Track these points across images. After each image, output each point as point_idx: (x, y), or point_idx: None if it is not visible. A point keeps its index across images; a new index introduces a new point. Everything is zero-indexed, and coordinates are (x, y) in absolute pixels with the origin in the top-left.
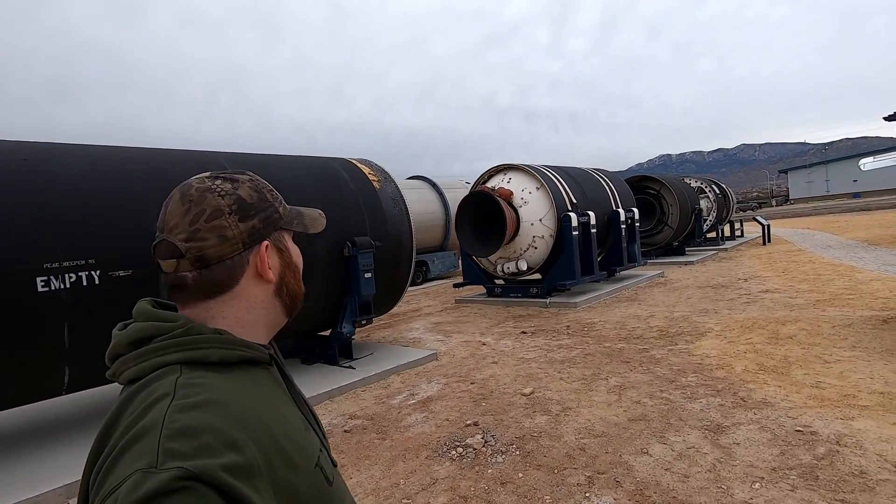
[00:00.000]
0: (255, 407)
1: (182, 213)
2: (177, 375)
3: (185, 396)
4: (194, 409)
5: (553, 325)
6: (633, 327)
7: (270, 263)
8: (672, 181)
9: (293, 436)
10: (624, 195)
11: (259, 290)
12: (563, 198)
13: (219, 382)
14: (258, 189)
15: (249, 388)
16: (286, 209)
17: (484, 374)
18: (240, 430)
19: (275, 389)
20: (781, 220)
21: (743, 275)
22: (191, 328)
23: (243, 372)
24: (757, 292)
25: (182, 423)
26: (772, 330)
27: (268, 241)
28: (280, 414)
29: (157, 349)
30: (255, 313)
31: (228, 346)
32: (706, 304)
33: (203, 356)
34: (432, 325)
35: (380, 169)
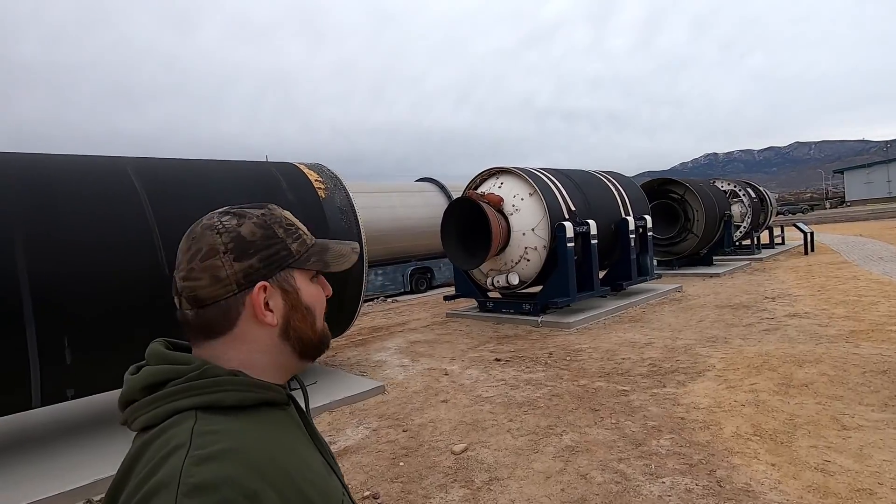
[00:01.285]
0: (275, 452)
1: (185, 250)
2: (192, 422)
3: (201, 447)
4: (212, 461)
5: (535, 351)
6: (623, 358)
7: (273, 305)
8: (698, 184)
9: (315, 481)
10: (636, 201)
11: (261, 333)
12: (560, 205)
13: (236, 427)
14: (266, 224)
15: (268, 432)
16: (305, 245)
17: (424, 418)
18: (259, 479)
19: (293, 431)
20: (832, 226)
21: (772, 292)
22: (206, 370)
23: (261, 414)
24: (782, 316)
25: (199, 477)
26: (785, 373)
27: (267, 281)
28: (301, 457)
29: (172, 394)
30: (262, 357)
31: (245, 389)
32: (718, 329)
33: (219, 400)
34: (407, 345)
35: (331, 175)
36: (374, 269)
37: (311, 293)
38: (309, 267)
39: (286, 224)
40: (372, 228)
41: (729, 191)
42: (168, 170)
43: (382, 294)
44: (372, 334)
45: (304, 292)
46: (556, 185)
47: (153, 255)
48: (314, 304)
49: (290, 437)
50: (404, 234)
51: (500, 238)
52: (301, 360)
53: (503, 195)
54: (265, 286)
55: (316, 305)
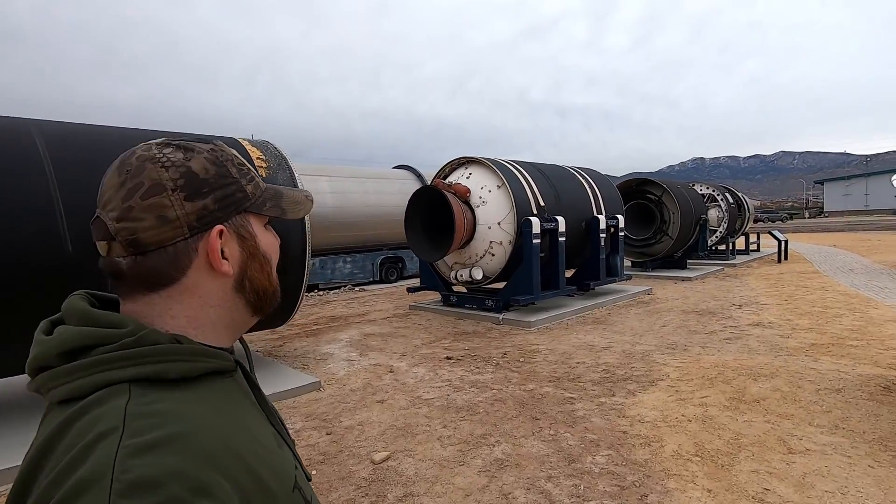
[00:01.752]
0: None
1: (117, 185)
2: (125, 400)
3: (138, 432)
4: (153, 451)
5: (490, 350)
6: (578, 363)
7: (228, 253)
8: (676, 186)
9: (267, 458)
10: (610, 200)
11: (214, 285)
12: (528, 199)
13: (179, 406)
14: (219, 161)
15: (216, 408)
16: (259, 188)
17: (354, 420)
18: (210, 468)
19: (242, 402)
20: (808, 235)
21: (740, 299)
22: (144, 335)
23: (207, 386)
24: (746, 325)
25: (138, 472)
26: (738, 386)
27: (223, 225)
28: (252, 434)
29: (100, 363)
30: (212, 312)
31: (192, 358)
32: (680, 336)
33: (161, 372)
34: (360, 338)
35: (276, 154)
36: (343, 257)
37: (268, 241)
38: (266, 212)
39: (238, 163)
40: (341, 214)
41: (707, 195)
42: (81, 135)
43: (350, 282)
44: (329, 324)
45: (262, 239)
46: (525, 178)
47: (53, 224)
48: (270, 253)
49: (240, 411)
50: (376, 222)
51: (465, 230)
52: (254, 314)
53: (471, 186)
54: (222, 230)
55: (272, 254)
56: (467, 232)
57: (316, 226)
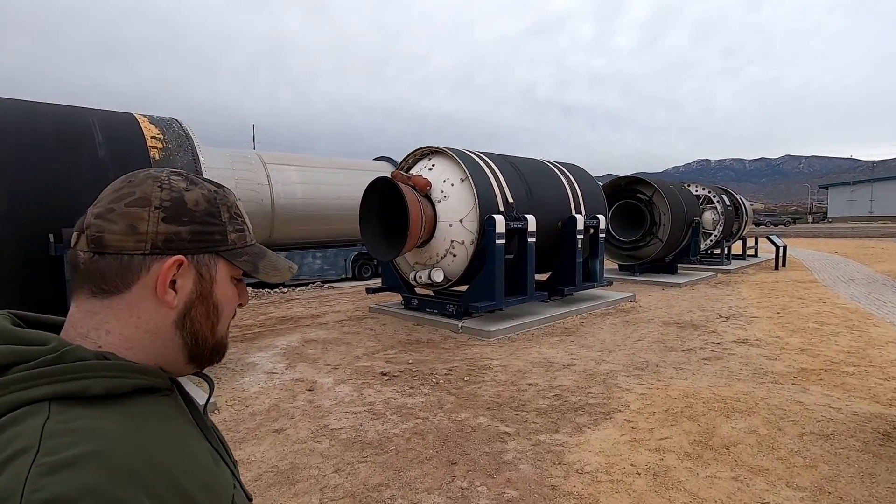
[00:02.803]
0: (149, 449)
1: (115, 188)
2: (43, 418)
3: (53, 450)
4: (67, 468)
5: (435, 364)
6: (530, 384)
7: (179, 285)
8: (668, 186)
9: (200, 475)
10: (591, 198)
11: (155, 312)
12: (495, 195)
13: (100, 423)
14: (214, 202)
15: (141, 425)
16: (243, 240)
17: (236, 455)
18: (129, 484)
19: (176, 420)
20: (810, 240)
21: (728, 310)
22: (66, 353)
23: (135, 404)
24: (730, 342)
25: (50, 490)
26: (707, 425)
27: (186, 257)
28: (185, 451)
29: (18, 381)
30: (146, 339)
31: (118, 374)
32: (653, 353)
33: (83, 388)
34: (299, 345)
35: (181, 134)
36: (313, 252)
37: (226, 293)
38: (238, 263)
39: (234, 212)
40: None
41: (703, 196)
42: None
43: (320, 279)
44: (274, 327)
45: (220, 287)
46: (493, 172)
47: None
48: (223, 306)
49: (171, 428)
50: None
51: (422, 228)
52: (188, 363)
53: (433, 179)
54: (181, 262)
55: (225, 307)
56: (426, 229)
57: (283, 218)
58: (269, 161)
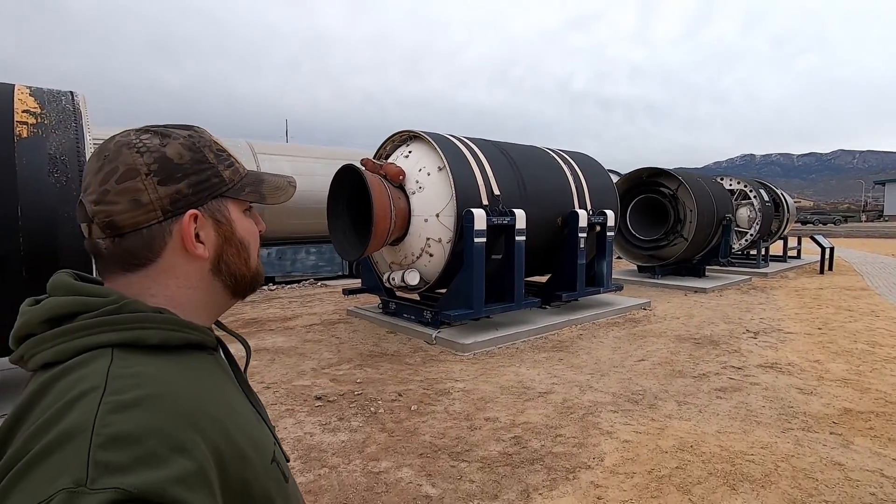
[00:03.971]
0: (203, 398)
1: (95, 170)
2: (108, 362)
3: (119, 391)
4: (132, 408)
5: (385, 387)
6: (489, 418)
7: (203, 236)
8: (695, 180)
9: (246, 429)
10: (599, 191)
11: (191, 268)
12: (477, 186)
13: (159, 370)
14: (195, 147)
15: (195, 376)
16: (238, 173)
17: None
18: (188, 428)
19: (222, 377)
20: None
21: (758, 323)
22: (125, 304)
23: (187, 357)
24: (754, 366)
25: (118, 426)
26: (701, 498)
27: (198, 210)
28: (230, 405)
29: (83, 327)
30: (190, 293)
31: (171, 327)
32: (656, 379)
33: (140, 338)
34: (245, 355)
35: (66, 109)
36: (306, 247)
37: (246, 227)
38: (244, 197)
39: (217, 149)
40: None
41: (737, 191)
42: None
43: (314, 276)
44: (236, 330)
45: (239, 225)
46: (478, 160)
47: None
48: (248, 239)
49: (219, 383)
50: None
51: (393, 222)
52: (233, 297)
53: (408, 167)
54: (196, 215)
55: (251, 240)
56: (397, 225)
57: (274, 211)
58: (259, 150)
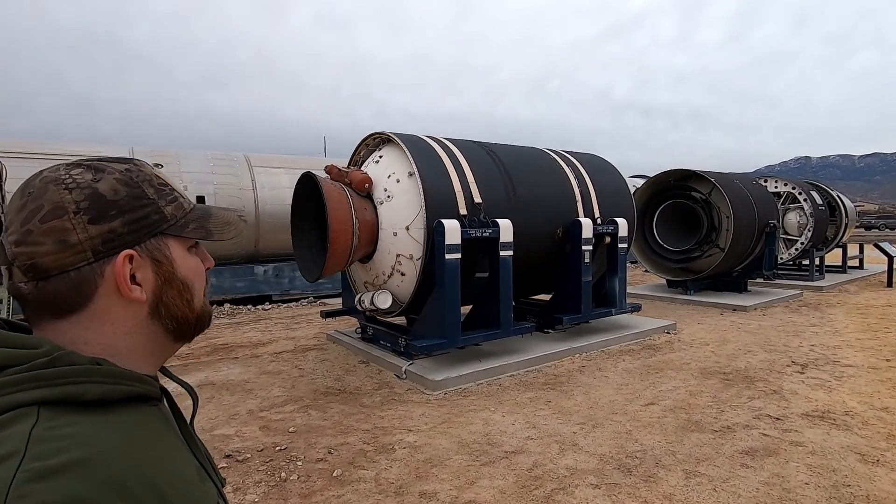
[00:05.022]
0: (139, 460)
1: (18, 208)
2: (31, 423)
3: (40, 456)
4: (54, 476)
5: (320, 438)
6: (423, 493)
7: (140, 278)
8: (731, 182)
9: (185, 491)
10: (610, 197)
11: (128, 312)
12: (453, 193)
13: (90, 430)
14: (132, 182)
15: (131, 434)
16: (181, 209)
17: None
18: (116, 496)
19: (165, 432)
20: None
21: (807, 352)
22: (59, 356)
23: (126, 412)
24: (799, 415)
25: (35, 497)
26: None
27: (134, 249)
28: (170, 464)
29: (10, 383)
30: (128, 339)
31: (112, 380)
32: (664, 435)
33: (78, 394)
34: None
35: None
36: None
37: (190, 265)
38: (188, 234)
39: (158, 183)
40: None
41: (784, 193)
42: None
43: (313, 294)
44: (199, 358)
45: (181, 263)
46: (457, 163)
47: None
48: (192, 279)
49: (159, 441)
50: None
51: (356, 237)
52: (176, 341)
53: (378, 174)
54: (131, 255)
55: (194, 279)
56: (363, 240)
57: (270, 226)
58: (256, 163)
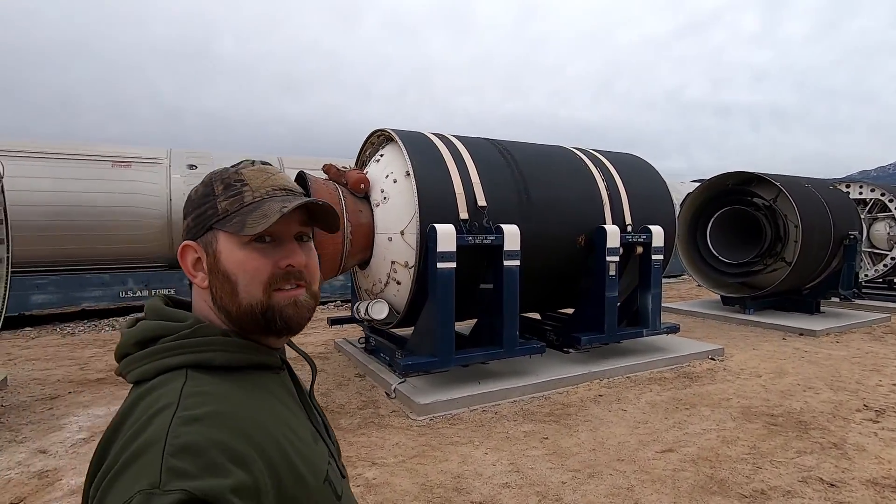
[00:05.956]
0: (263, 418)
1: None
2: (182, 382)
3: (188, 407)
4: (198, 422)
5: None
6: None
7: (202, 266)
8: (802, 187)
9: (302, 449)
10: (644, 202)
11: (202, 292)
12: (453, 196)
13: (224, 390)
14: (209, 181)
15: (257, 396)
16: (238, 203)
17: None
18: (247, 444)
19: (284, 397)
20: None
21: (885, 394)
22: (198, 329)
23: (251, 377)
24: (861, 482)
25: (186, 438)
26: None
27: (193, 241)
28: (289, 425)
29: (163, 350)
30: (213, 317)
31: (234, 350)
32: (676, 497)
33: (207, 360)
34: None
35: None
36: None
37: (236, 258)
38: (227, 229)
39: (233, 180)
40: None
41: (871, 200)
42: None
43: (340, 298)
44: None
45: (225, 257)
46: (461, 163)
47: None
48: (236, 272)
49: (277, 403)
50: None
51: (348, 242)
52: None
53: (376, 174)
54: (188, 245)
55: (239, 273)
56: (358, 245)
57: None
58: (289, 165)
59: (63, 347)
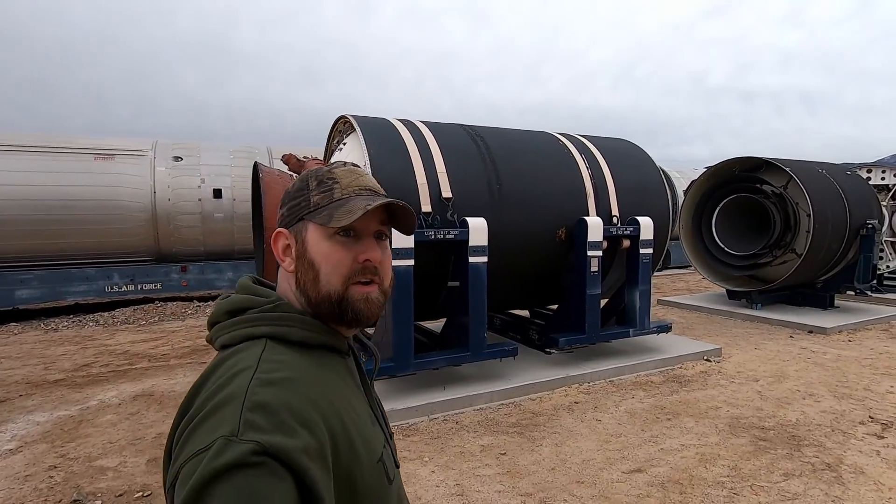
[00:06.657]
0: (328, 391)
1: None
2: (261, 349)
3: (266, 371)
4: (273, 386)
5: None
6: None
7: (290, 252)
8: (814, 172)
9: (360, 426)
10: (633, 192)
11: (288, 275)
12: (415, 186)
13: (297, 362)
14: (305, 178)
15: (325, 372)
16: (329, 198)
17: None
18: (314, 410)
19: (347, 379)
20: None
21: (893, 407)
22: (279, 305)
23: (321, 356)
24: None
25: (261, 397)
26: None
27: (286, 229)
28: (349, 402)
29: (248, 320)
30: (293, 299)
31: (309, 329)
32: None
33: (285, 333)
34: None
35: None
36: None
37: (322, 249)
38: (316, 221)
39: (326, 178)
40: None
41: (895, 186)
42: None
43: None
44: (168, 360)
45: (313, 246)
46: (426, 151)
47: None
48: (321, 261)
49: (342, 382)
50: None
51: None
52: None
53: None
54: (280, 232)
55: (323, 263)
56: None
57: None
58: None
59: (39, 344)
